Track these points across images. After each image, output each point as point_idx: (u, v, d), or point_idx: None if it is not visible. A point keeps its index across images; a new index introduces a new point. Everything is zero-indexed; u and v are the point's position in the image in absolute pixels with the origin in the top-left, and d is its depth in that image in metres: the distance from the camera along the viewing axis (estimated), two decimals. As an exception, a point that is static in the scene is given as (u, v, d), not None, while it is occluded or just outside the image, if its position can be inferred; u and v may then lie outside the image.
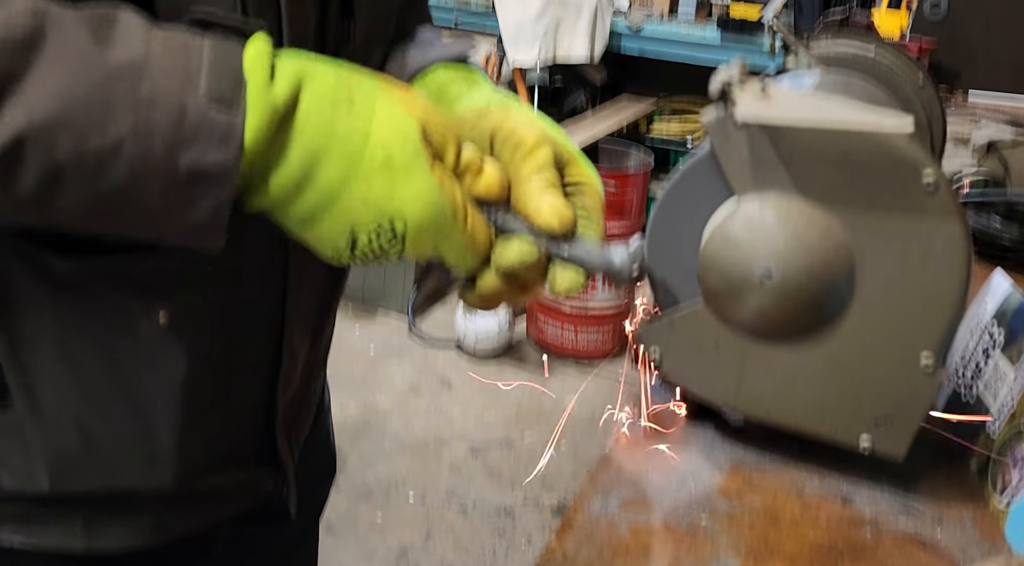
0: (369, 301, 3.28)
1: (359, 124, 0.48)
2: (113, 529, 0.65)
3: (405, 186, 0.48)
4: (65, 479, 0.60)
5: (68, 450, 0.60)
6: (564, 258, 0.55)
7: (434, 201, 0.49)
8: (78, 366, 0.58)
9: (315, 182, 0.47)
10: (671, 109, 3.90)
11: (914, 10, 3.60)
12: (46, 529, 0.63)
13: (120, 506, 0.64)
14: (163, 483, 0.64)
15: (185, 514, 0.68)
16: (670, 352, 0.77)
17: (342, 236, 0.49)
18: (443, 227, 0.50)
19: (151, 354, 0.59)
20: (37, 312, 0.56)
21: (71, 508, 0.63)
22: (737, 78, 0.68)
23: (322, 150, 0.47)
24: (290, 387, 0.72)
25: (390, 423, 2.69)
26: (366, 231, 0.49)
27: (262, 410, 0.70)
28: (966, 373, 0.84)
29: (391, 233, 0.49)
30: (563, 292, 0.56)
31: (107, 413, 0.60)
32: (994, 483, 0.75)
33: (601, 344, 3.07)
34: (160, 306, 0.57)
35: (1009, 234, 1.25)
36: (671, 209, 0.74)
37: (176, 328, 0.58)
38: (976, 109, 2.46)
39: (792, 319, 0.70)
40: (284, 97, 0.46)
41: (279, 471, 0.75)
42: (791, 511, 0.72)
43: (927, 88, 1.11)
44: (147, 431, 0.61)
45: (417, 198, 0.49)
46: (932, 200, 0.66)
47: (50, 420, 0.59)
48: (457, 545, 2.23)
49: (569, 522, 0.69)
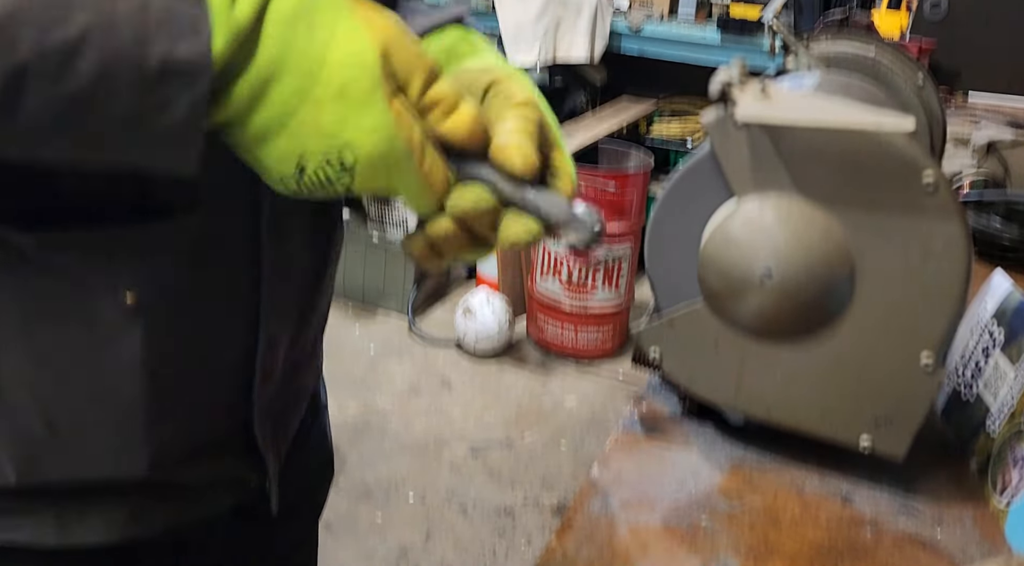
0: (369, 301, 3.29)
1: (316, 47, 0.46)
2: (86, 522, 0.63)
3: (358, 118, 0.46)
4: (32, 470, 0.59)
5: (34, 439, 0.58)
6: (524, 205, 0.52)
7: (388, 136, 0.47)
8: (41, 351, 0.56)
9: (269, 98, 0.45)
10: (671, 110, 3.90)
11: (914, 10, 3.60)
12: (17, 524, 0.61)
13: (93, 498, 0.62)
14: (136, 472, 0.62)
15: (163, 508, 0.66)
16: (670, 352, 0.77)
17: (290, 161, 0.47)
18: (396, 164, 0.48)
19: (116, 336, 0.57)
20: (1, 293, 0.54)
21: (41, 501, 0.61)
22: (737, 78, 0.68)
23: (279, 66, 0.45)
24: (270, 378, 0.69)
25: (390, 423, 2.69)
26: (314, 160, 0.47)
27: (239, 400, 0.68)
28: (966, 373, 0.84)
29: (340, 165, 0.47)
30: (512, 240, 0.53)
31: (71, 399, 0.58)
32: (994, 483, 0.75)
33: (601, 344, 3.07)
34: (126, 285, 0.56)
35: (1009, 234, 1.25)
36: (671, 209, 0.74)
37: (142, 308, 0.57)
38: (976, 110, 2.46)
39: (792, 319, 0.71)
40: (248, 9, 0.44)
41: (262, 466, 0.73)
42: (791, 511, 0.72)
43: (927, 88, 1.11)
44: (114, 417, 0.59)
45: (370, 131, 0.46)
46: (932, 200, 0.66)
47: (13, 408, 0.57)
48: (457, 545, 2.24)
49: (569, 522, 0.69)
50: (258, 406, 0.69)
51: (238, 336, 0.65)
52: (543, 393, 2.91)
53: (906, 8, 3.62)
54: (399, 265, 3.22)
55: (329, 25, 0.46)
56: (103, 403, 0.59)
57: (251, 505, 0.76)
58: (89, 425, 0.59)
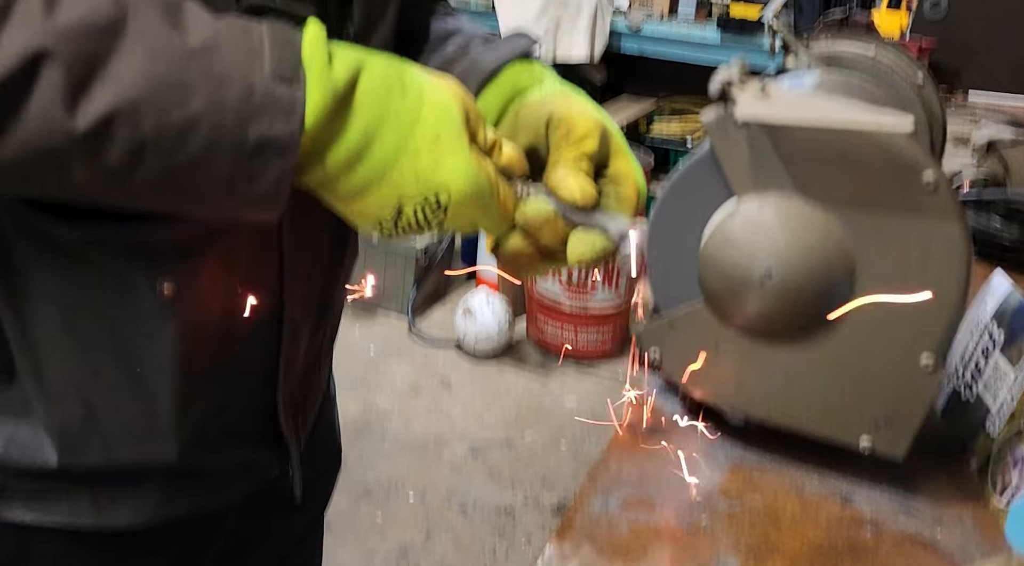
0: (369, 301, 3.28)
1: (411, 106, 0.53)
2: (120, 505, 0.66)
3: (450, 161, 0.53)
4: (72, 453, 0.62)
5: (73, 424, 0.61)
6: (584, 224, 0.60)
7: (475, 174, 0.54)
8: (82, 340, 0.60)
9: (370, 157, 0.52)
10: (671, 109, 3.90)
11: (914, 10, 3.60)
12: (55, 505, 0.64)
13: (126, 482, 0.66)
14: (167, 458, 0.65)
15: (190, 492, 0.70)
16: (670, 352, 0.77)
17: (388, 208, 0.54)
18: (481, 198, 0.55)
19: (152, 326, 0.60)
20: (44, 286, 0.58)
21: (78, 483, 0.64)
22: (737, 78, 0.68)
23: (377, 128, 0.52)
24: (293, 366, 0.73)
25: (390, 423, 2.69)
26: (412, 203, 0.53)
27: (265, 387, 0.71)
28: (966, 373, 0.84)
29: (436, 204, 0.54)
30: (579, 257, 0.60)
31: (109, 386, 0.61)
32: (994, 483, 0.75)
33: (601, 344, 3.07)
34: (163, 278, 0.59)
35: (1009, 234, 1.25)
36: (671, 209, 0.74)
37: (177, 300, 0.60)
38: (976, 109, 2.46)
39: (792, 319, 0.70)
40: (343, 79, 0.51)
41: (284, 453, 0.76)
42: (791, 511, 0.72)
43: (927, 88, 1.11)
44: (148, 404, 0.63)
45: (460, 172, 0.54)
46: (932, 200, 0.66)
47: (55, 395, 0.60)
48: (457, 545, 2.24)
49: (569, 522, 0.69)
50: (282, 396, 0.72)
51: (264, 327, 0.68)
52: (543, 393, 2.91)
53: (906, 8, 3.61)
54: (399, 265, 3.22)
55: (416, 88, 0.54)
56: (138, 391, 0.62)
57: (271, 493, 0.78)
58: (125, 412, 0.63)
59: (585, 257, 0.61)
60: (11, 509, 0.63)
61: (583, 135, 0.62)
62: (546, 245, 0.61)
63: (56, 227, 0.56)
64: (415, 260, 3.21)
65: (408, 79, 0.54)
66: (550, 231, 0.60)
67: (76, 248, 0.57)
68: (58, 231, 0.56)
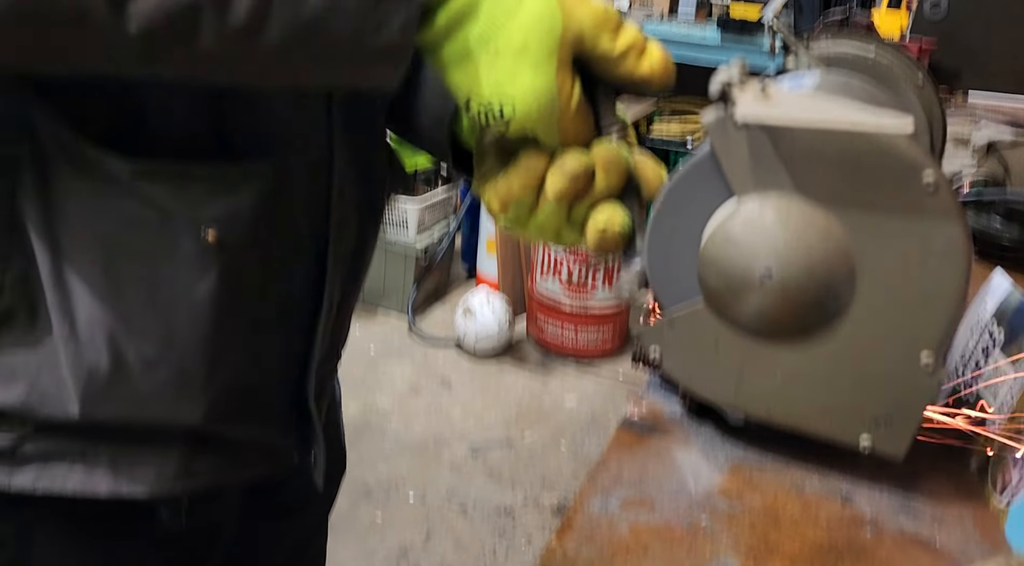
0: (369, 301, 3.28)
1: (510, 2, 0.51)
2: (139, 470, 0.63)
3: (527, 77, 0.51)
4: (96, 404, 0.59)
5: (100, 371, 0.59)
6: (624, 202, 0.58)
7: (549, 101, 0.51)
8: (117, 281, 0.58)
9: (460, 34, 0.51)
10: (671, 110, 3.90)
11: (914, 10, 3.60)
12: (71, 468, 0.62)
13: (147, 444, 0.63)
14: (192, 419, 0.63)
15: (211, 463, 0.67)
16: (670, 352, 0.77)
17: (460, 94, 0.52)
18: (546, 121, 0.52)
19: (191, 274, 0.59)
20: (85, 220, 0.56)
21: (97, 442, 0.62)
22: (737, 78, 0.68)
23: (474, 6, 0.50)
24: (324, 345, 0.71)
25: (390, 423, 2.69)
26: (477, 102, 0.52)
27: (295, 362, 0.70)
28: (966, 373, 0.84)
29: (499, 114, 0.52)
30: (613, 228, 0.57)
31: (140, 335, 0.59)
32: (994, 483, 0.75)
33: (601, 344, 3.07)
34: (208, 222, 0.58)
35: (1009, 234, 1.25)
36: (671, 209, 0.74)
37: (221, 247, 0.59)
38: (976, 109, 2.46)
39: (792, 319, 0.71)
40: None
41: (306, 439, 0.74)
42: (791, 511, 0.72)
43: (927, 88, 1.11)
44: (178, 357, 0.61)
45: (535, 93, 0.51)
46: (932, 200, 0.66)
47: (84, 339, 0.58)
48: (457, 545, 2.24)
49: (569, 522, 0.69)
50: (313, 371, 0.71)
51: (300, 293, 0.67)
52: (543, 393, 2.91)
53: (906, 8, 3.61)
54: (399, 265, 3.22)
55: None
56: (170, 343, 0.60)
57: (263, 489, 0.77)
58: (154, 364, 0.61)
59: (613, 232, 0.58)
60: (23, 474, 0.61)
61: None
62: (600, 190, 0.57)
63: (108, 156, 0.55)
64: (415, 260, 3.21)
65: None
66: (618, 177, 0.57)
67: (126, 180, 0.55)
68: (110, 161, 0.55)
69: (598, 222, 0.57)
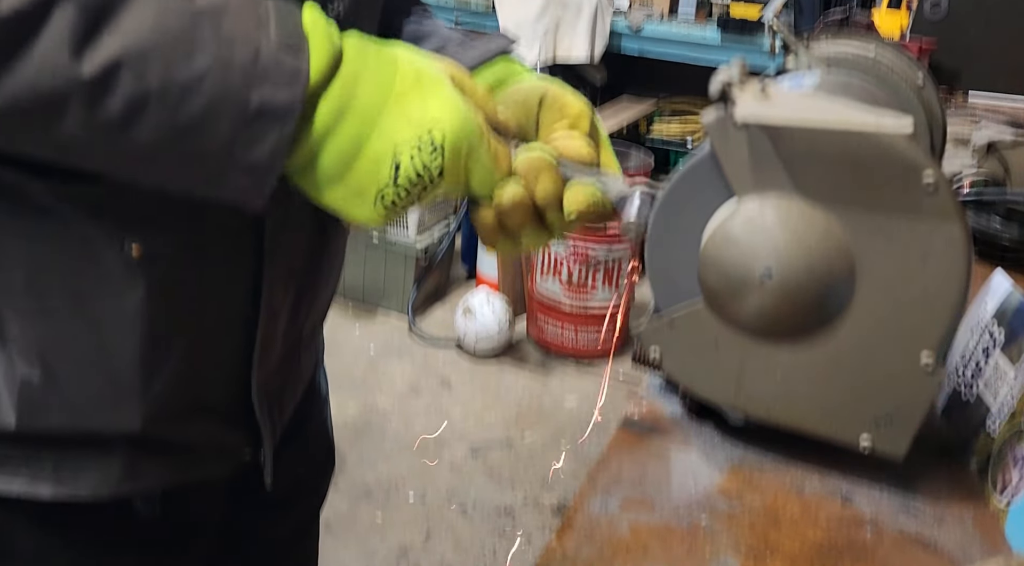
0: (369, 301, 3.28)
1: (388, 57, 0.54)
2: (81, 475, 0.64)
3: (436, 98, 0.53)
4: (32, 416, 0.61)
5: (32, 384, 0.60)
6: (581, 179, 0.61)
7: (463, 111, 0.54)
8: (44, 298, 0.58)
9: (355, 106, 0.52)
10: (671, 110, 3.91)
11: (914, 10, 3.59)
12: (15, 473, 0.63)
13: (89, 449, 0.64)
14: (130, 426, 0.64)
15: (155, 464, 0.68)
16: (670, 352, 0.77)
17: (386, 160, 0.52)
18: (472, 139, 0.54)
19: (119, 287, 0.59)
20: (8, 241, 0.57)
21: (40, 449, 0.63)
22: (737, 78, 0.68)
23: (358, 76, 0.52)
24: (271, 348, 0.71)
25: (390, 423, 2.69)
26: (408, 148, 0.52)
27: (238, 367, 0.70)
28: (966, 372, 0.84)
29: (431, 145, 0.52)
30: (577, 206, 0.60)
31: (70, 348, 0.60)
32: (994, 483, 0.75)
33: (601, 344, 3.07)
34: (131, 238, 0.58)
35: (1009, 234, 1.25)
36: (671, 209, 0.74)
37: (146, 261, 0.59)
38: (976, 109, 2.46)
39: (792, 319, 0.71)
40: (337, 52, 0.52)
41: (256, 438, 0.74)
42: (791, 511, 0.72)
43: (927, 88, 1.11)
44: (111, 368, 0.61)
45: (448, 107, 0.53)
46: (932, 200, 0.66)
47: (15, 354, 0.59)
48: (457, 545, 2.24)
49: (569, 522, 0.69)
50: (256, 377, 0.71)
51: (239, 301, 0.67)
52: (543, 393, 2.91)
53: (906, 8, 3.61)
54: (399, 265, 3.22)
55: (392, 48, 0.55)
56: (101, 354, 0.61)
57: (247, 483, 0.77)
58: (86, 375, 0.61)
59: (582, 207, 0.60)
60: None
61: (578, 115, 0.63)
62: (543, 197, 0.59)
63: (26, 180, 0.55)
64: (415, 260, 3.21)
65: (383, 45, 0.55)
66: (548, 178, 0.59)
67: (46, 202, 0.56)
68: (28, 185, 0.55)
69: (569, 213, 0.60)
